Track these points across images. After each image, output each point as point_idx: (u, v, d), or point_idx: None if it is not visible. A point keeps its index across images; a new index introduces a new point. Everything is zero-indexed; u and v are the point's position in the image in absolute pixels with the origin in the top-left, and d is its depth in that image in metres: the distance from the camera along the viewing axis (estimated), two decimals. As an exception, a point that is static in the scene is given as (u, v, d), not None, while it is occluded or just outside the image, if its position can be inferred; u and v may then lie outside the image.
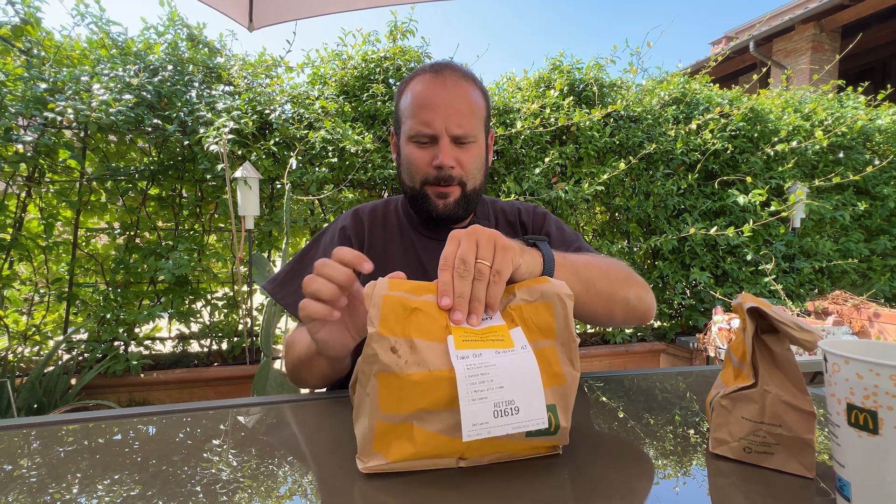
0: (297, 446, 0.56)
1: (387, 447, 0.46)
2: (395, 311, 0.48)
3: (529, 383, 0.46)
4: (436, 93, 0.81)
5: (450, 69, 0.84)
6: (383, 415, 0.46)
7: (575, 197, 2.76)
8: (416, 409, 0.45)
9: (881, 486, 0.38)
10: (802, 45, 6.54)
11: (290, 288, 0.90)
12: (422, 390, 0.45)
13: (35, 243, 2.36)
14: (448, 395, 0.45)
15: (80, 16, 2.52)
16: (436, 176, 0.82)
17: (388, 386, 0.45)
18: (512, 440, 0.48)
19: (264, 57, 2.87)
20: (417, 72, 0.86)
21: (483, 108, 0.86)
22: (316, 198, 2.53)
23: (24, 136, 2.17)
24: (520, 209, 0.99)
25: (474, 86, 0.85)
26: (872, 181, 3.59)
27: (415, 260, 0.89)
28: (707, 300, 3.04)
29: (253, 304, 2.63)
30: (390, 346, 0.46)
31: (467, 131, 0.82)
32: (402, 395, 0.45)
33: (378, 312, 0.47)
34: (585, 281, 0.69)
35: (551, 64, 3.12)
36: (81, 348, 2.29)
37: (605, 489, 0.46)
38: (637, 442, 0.57)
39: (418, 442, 0.46)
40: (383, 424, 0.46)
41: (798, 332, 0.48)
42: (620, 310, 0.75)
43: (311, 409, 0.69)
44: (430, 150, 0.82)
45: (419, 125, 0.81)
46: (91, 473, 0.48)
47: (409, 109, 0.83)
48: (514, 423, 0.44)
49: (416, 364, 0.45)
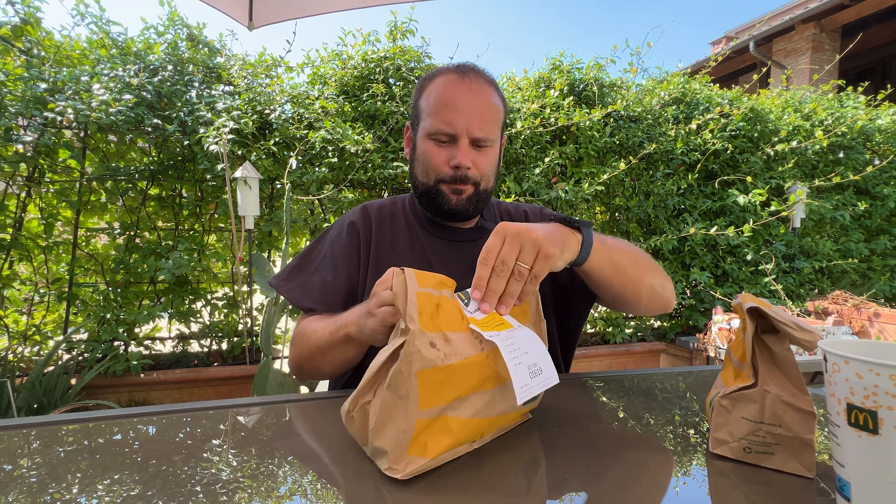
0: (296, 446, 0.56)
1: (423, 447, 0.47)
2: (428, 307, 0.50)
3: (540, 349, 0.54)
4: (460, 94, 0.82)
5: (474, 73, 0.85)
6: (422, 412, 0.46)
7: (575, 197, 2.76)
8: (452, 399, 0.48)
9: (881, 486, 0.38)
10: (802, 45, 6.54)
11: (295, 282, 0.90)
12: (458, 378, 0.49)
13: (35, 243, 2.36)
14: (478, 379, 0.50)
15: (80, 16, 2.51)
16: (452, 175, 0.83)
17: (428, 381, 0.46)
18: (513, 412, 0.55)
19: (264, 57, 2.87)
20: (441, 70, 0.87)
21: (502, 113, 0.88)
22: (316, 198, 2.53)
23: (24, 136, 2.17)
24: (526, 211, 1.00)
25: (496, 92, 0.87)
26: (872, 181, 3.58)
27: (422, 257, 0.89)
28: (707, 300, 3.04)
29: (253, 304, 2.63)
30: (429, 342, 0.47)
31: (487, 135, 0.83)
32: (442, 387, 0.47)
33: (416, 310, 0.48)
34: (618, 266, 0.72)
35: (551, 64, 3.11)
36: (81, 348, 2.29)
37: (605, 489, 0.46)
38: (637, 442, 0.57)
39: (454, 431, 0.48)
40: (422, 422, 0.46)
41: (798, 332, 0.48)
42: (647, 295, 0.78)
43: (312, 409, 0.69)
44: (448, 150, 0.83)
45: (441, 123, 0.82)
46: (91, 473, 0.48)
47: (431, 107, 0.84)
48: (542, 381, 0.51)
49: (454, 355, 0.48)
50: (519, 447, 0.54)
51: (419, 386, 0.46)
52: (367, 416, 0.49)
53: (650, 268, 0.79)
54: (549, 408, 0.67)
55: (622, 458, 0.52)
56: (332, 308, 0.84)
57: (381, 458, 0.47)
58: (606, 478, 0.48)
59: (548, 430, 0.58)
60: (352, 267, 0.89)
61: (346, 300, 0.85)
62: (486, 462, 0.51)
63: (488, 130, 0.83)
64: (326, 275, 0.88)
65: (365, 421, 0.49)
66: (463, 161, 0.82)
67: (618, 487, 0.46)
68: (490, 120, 0.84)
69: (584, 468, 0.50)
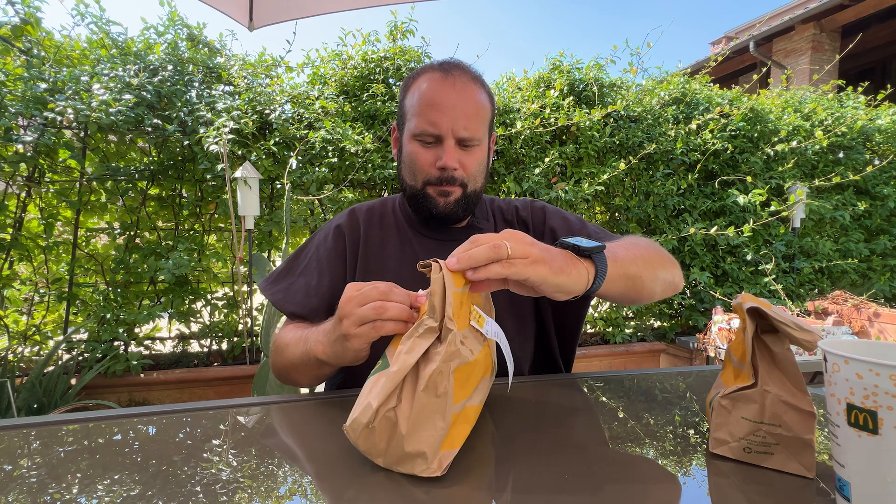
0: (296, 446, 0.56)
1: (451, 440, 0.49)
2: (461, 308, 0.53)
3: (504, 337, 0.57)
4: (444, 93, 0.80)
5: (459, 70, 0.83)
6: (455, 406, 0.49)
7: (575, 197, 2.76)
8: (472, 390, 0.52)
9: (881, 486, 0.38)
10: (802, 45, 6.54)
11: (280, 285, 0.89)
12: (477, 371, 0.53)
13: (35, 243, 2.36)
14: (482, 366, 0.54)
15: (80, 16, 2.51)
16: (438, 177, 0.82)
17: (460, 377, 0.50)
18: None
19: (264, 57, 2.87)
20: (425, 69, 0.85)
21: (489, 111, 0.86)
22: (316, 198, 2.53)
23: (24, 136, 2.17)
24: (517, 206, 0.98)
25: (481, 88, 0.85)
26: (872, 181, 3.58)
27: (412, 258, 0.88)
28: (707, 300, 3.04)
29: (253, 304, 2.63)
30: (460, 339, 0.50)
31: (473, 134, 0.82)
32: (468, 381, 0.51)
33: (453, 311, 0.50)
34: (633, 277, 0.69)
35: (551, 64, 3.11)
36: (81, 348, 2.29)
37: (604, 489, 0.46)
38: (637, 442, 0.57)
39: (471, 418, 0.52)
40: (455, 417, 0.49)
41: (798, 332, 0.48)
42: (660, 290, 0.77)
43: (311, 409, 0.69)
44: (433, 151, 0.82)
45: (425, 124, 0.81)
46: (91, 473, 0.48)
47: (415, 107, 0.82)
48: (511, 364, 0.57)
49: (475, 349, 0.52)
50: (519, 447, 0.54)
51: (454, 383, 0.48)
52: (393, 423, 0.47)
53: (661, 262, 0.76)
54: (549, 408, 0.67)
55: (622, 459, 0.52)
56: (314, 312, 0.83)
57: (414, 461, 0.46)
58: (606, 478, 0.48)
59: (547, 430, 0.58)
60: (336, 271, 0.87)
61: (329, 305, 0.83)
62: (487, 461, 0.51)
63: (474, 129, 0.82)
64: (311, 279, 0.87)
65: (389, 429, 0.47)
66: (449, 162, 0.80)
67: (618, 487, 0.46)
68: (476, 119, 0.82)
69: (584, 468, 0.50)
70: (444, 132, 0.80)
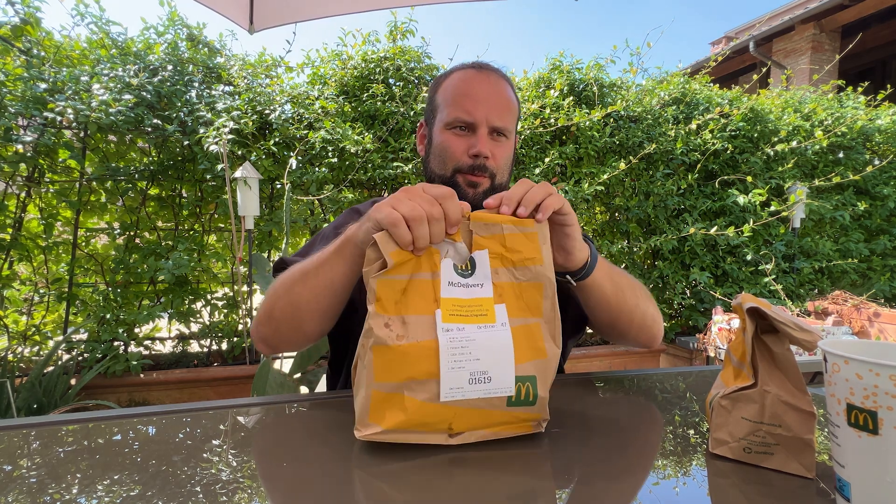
0: (296, 446, 0.56)
1: (381, 417, 0.51)
2: (392, 293, 0.53)
3: (503, 357, 0.52)
4: (479, 85, 0.83)
5: (490, 68, 0.87)
6: (377, 384, 0.51)
7: (575, 197, 2.76)
8: (406, 379, 0.51)
9: (881, 486, 0.38)
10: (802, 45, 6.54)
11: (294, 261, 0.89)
12: (411, 360, 0.51)
13: (35, 243, 2.36)
14: (434, 365, 0.51)
15: (80, 16, 2.52)
16: (470, 165, 0.83)
17: (381, 357, 0.51)
18: (496, 410, 0.53)
19: (264, 57, 2.87)
20: (458, 67, 0.88)
21: (517, 109, 0.89)
22: (316, 198, 2.53)
23: (24, 136, 2.17)
24: None
25: (511, 88, 0.88)
26: (872, 181, 3.58)
27: None
28: (707, 300, 3.04)
29: (253, 304, 2.63)
30: (384, 322, 0.51)
31: (505, 125, 0.84)
32: (393, 365, 0.51)
33: (374, 296, 0.52)
34: (618, 285, 0.73)
35: (551, 64, 3.11)
36: (81, 348, 2.29)
37: (605, 489, 0.46)
38: (637, 442, 0.57)
39: (409, 410, 0.51)
40: (378, 394, 0.51)
41: (798, 332, 0.48)
42: (638, 321, 0.78)
43: (312, 409, 0.69)
44: (466, 139, 0.83)
45: (460, 112, 0.82)
46: (91, 473, 0.48)
47: (449, 98, 0.84)
48: (486, 390, 0.51)
49: (407, 337, 0.51)
50: (519, 447, 0.54)
51: (374, 360, 0.51)
52: None
53: (645, 297, 0.80)
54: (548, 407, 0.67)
55: (622, 459, 0.52)
56: None
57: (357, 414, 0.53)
58: (606, 478, 0.48)
59: (548, 429, 0.58)
60: None
61: None
62: (486, 461, 0.51)
63: (507, 121, 0.84)
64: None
65: None
66: (482, 149, 0.81)
67: (618, 487, 0.46)
68: (507, 112, 0.84)
69: (584, 468, 0.50)
70: (479, 120, 0.82)
